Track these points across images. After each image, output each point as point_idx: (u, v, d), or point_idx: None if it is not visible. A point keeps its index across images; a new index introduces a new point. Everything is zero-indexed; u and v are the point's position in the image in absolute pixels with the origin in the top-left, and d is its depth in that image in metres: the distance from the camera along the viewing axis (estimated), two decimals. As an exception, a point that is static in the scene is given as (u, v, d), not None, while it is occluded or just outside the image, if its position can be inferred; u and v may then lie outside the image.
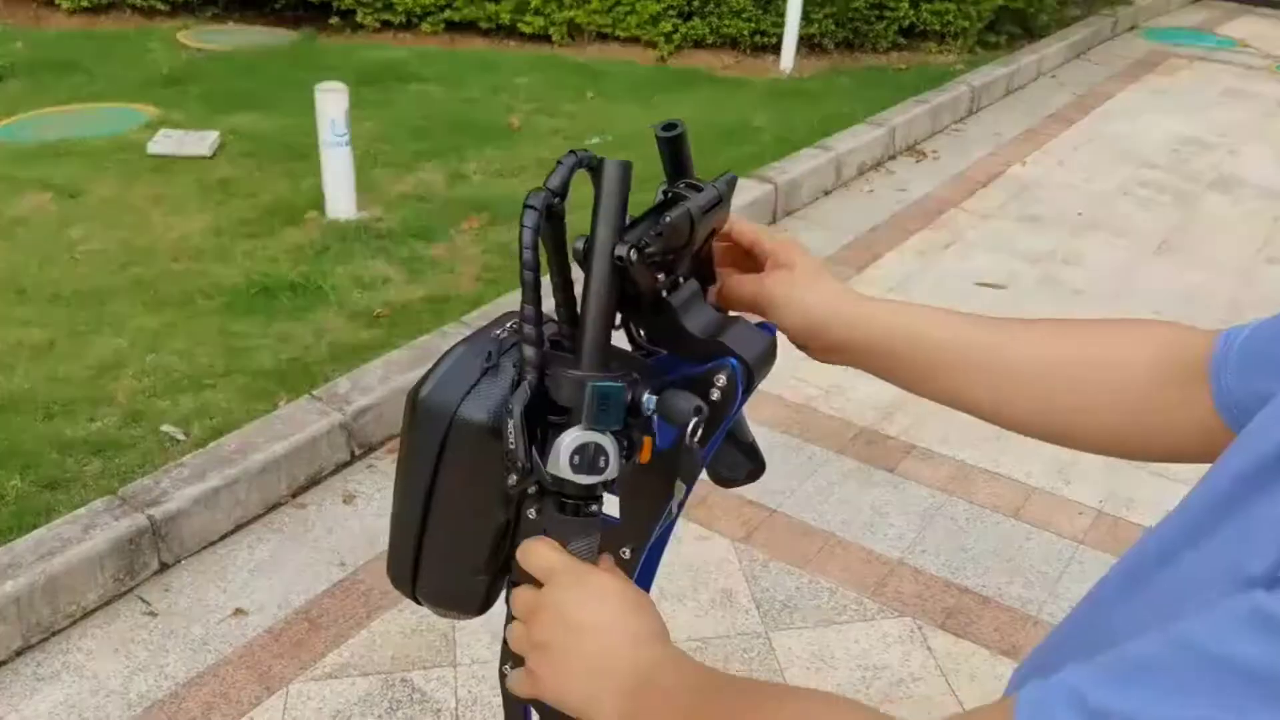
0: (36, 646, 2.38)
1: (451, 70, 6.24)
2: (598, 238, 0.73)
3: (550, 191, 0.72)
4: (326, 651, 2.41)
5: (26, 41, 6.37)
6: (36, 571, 2.34)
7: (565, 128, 5.41)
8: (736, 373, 0.79)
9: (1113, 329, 0.86)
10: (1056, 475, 3.12)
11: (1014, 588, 2.70)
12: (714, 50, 6.93)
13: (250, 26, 7.02)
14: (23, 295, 3.55)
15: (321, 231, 4.08)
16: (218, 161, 4.69)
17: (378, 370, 3.14)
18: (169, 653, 2.40)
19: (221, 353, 3.27)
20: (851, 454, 3.18)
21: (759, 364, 0.81)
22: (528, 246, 0.71)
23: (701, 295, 0.83)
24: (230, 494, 2.70)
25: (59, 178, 4.43)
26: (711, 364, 0.79)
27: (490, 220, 4.27)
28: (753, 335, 0.82)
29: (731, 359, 0.79)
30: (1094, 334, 0.86)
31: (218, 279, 3.71)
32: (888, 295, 4.11)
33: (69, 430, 2.88)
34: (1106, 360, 0.83)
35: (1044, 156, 5.78)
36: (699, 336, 0.80)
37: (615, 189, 0.73)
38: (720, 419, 0.80)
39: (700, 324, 0.81)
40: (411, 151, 4.93)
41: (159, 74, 5.88)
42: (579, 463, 0.69)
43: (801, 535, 2.84)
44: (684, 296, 0.81)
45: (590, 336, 0.72)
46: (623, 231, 0.74)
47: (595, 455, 0.69)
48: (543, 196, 0.72)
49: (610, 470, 0.70)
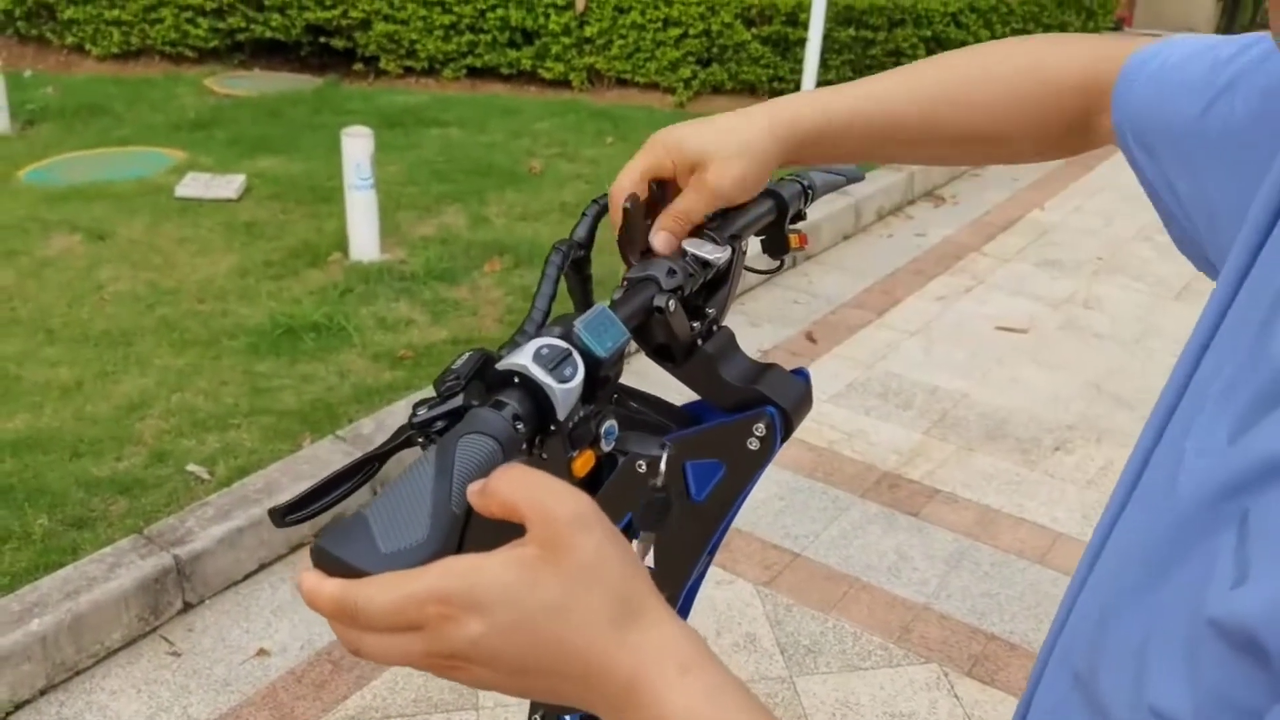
0: (60, 686, 2.38)
1: (473, 115, 6.32)
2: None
3: (576, 244, 0.75)
4: (349, 694, 2.40)
5: (57, 87, 6.49)
6: (63, 610, 2.35)
7: (586, 172, 5.46)
8: (775, 420, 0.79)
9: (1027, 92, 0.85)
10: (1083, 520, 3.10)
11: (1042, 634, 2.66)
12: (732, 96, 7.01)
13: (275, 73, 7.14)
14: (51, 335, 3.59)
15: (345, 273, 4.11)
16: (243, 204, 4.75)
17: (401, 411, 3.16)
18: (191, 693, 2.39)
19: (246, 393, 3.29)
20: (874, 498, 3.17)
21: (796, 410, 0.81)
22: (545, 295, 0.72)
23: (735, 342, 0.83)
24: (254, 534, 2.70)
25: (88, 220, 4.49)
26: (750, 412, 0.79)
27: (513, 264, 4.30)
28: (789, 381, 0.82)
29: (769, 407, 0.79)
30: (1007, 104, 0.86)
31: (242, 320, 3.74)
32: (910, 338, 4.12)
33: (95, 469, 2.89)
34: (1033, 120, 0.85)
35: (1062, 202, 5.80)
36: (735, 385, 0.80)
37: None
38: (758, 466, 0.80)
39: (736, 372, 0.81)
40: (434, 194, 4.98)
41: (186, 119, 5.98)
42: (546, 355, 0.63)
43: (825, 579, 2.82)
44: (719, 344, 0.81)
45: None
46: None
47: (563, 360, 0.63)
48: (566, 246, 0.74)
49: (569, 387, 0.63)
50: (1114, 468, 3.37)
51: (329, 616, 0.52)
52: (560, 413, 0.62)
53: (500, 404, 0.61)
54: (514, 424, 0.60)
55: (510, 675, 0.51)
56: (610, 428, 0.66)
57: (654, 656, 0.51)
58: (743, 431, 0.79)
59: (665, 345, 0.78)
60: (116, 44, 7.04)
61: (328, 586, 0.51)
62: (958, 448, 3.44)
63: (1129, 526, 0.59)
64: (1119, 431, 3.60)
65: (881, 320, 4.33)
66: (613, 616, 0.51)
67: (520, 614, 0.49)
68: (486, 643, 0.49)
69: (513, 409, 0.60)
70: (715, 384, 0.80)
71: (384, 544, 0.52)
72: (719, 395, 0.81)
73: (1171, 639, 0.49)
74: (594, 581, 0.50)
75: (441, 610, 0.49)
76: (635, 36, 6.78)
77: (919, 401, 3.71)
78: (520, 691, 0.52)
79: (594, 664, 0.50)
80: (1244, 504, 0.47)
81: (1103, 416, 3.69)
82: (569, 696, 0.52)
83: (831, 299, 4.49)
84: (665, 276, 0.75)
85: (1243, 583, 0.44)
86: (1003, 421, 3.62)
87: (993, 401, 3.75)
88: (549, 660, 0.50)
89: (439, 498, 0.54)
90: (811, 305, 4.42)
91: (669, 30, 6.73)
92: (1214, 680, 0.46)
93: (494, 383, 0.62)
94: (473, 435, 0.58)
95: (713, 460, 0.80)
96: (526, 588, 0.50)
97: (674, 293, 0.74)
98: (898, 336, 4.19)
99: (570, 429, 0.64)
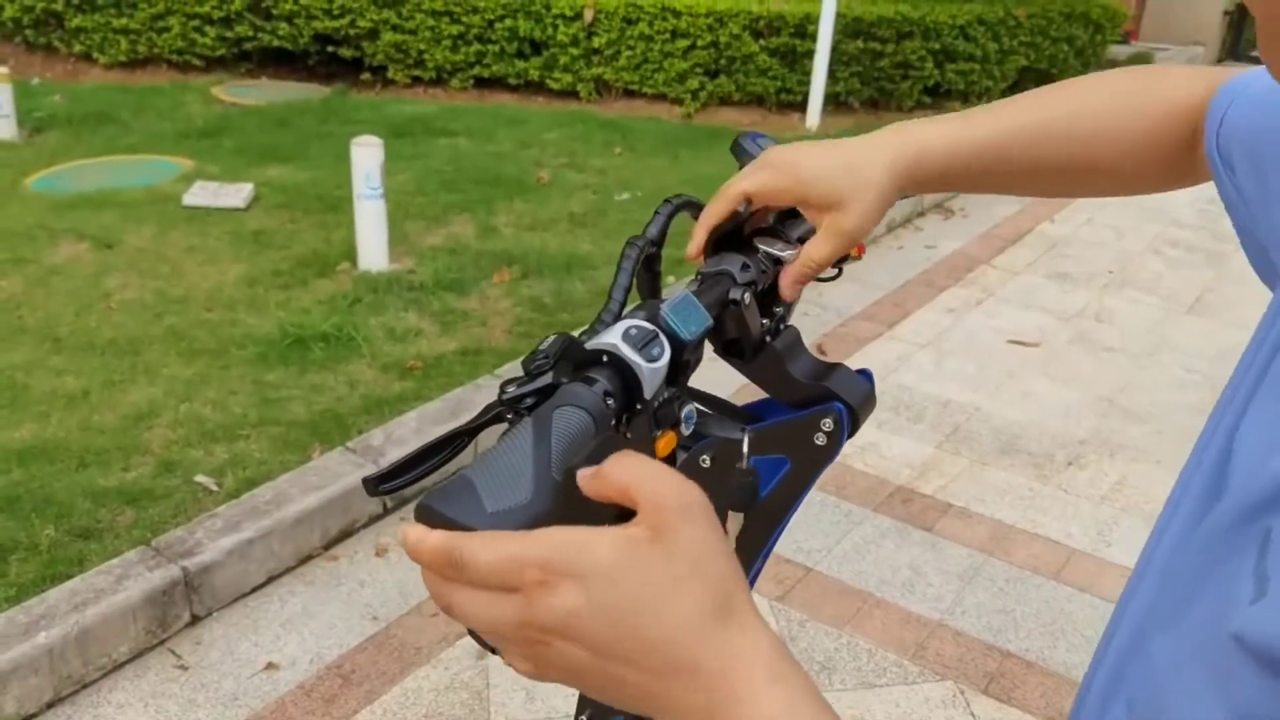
0: (67, 699, 2.35)
1: (481, 125, 6.32)
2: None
3: (649, 240, 0.76)
4: (359, 708, 2.37)
5: (64, 95, 6.48)
6: (70, 623, 2.32)
7: (594, 183, 5.45)
8: (843, 416, 0.80)
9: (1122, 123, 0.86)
10: (1097, 537, 3.07)
11: (1058, 652, 2.64)
12: (740, 107, 7.00)
13: (283, 82, 7.14)
14: (58, 344, 3.57)
15: (354, 283, 4.10)
16: (252, 213, 4.74)
17: (411, 422, 3.13)
18: (199, 707, 2.36)
19: (255, 403, 3.27)
20: (887, 512, 3.14)
21: (862, 408, 0.82)
22: (621, 286, 0.73)
23: (802, 341, 0.85)
24: (264, 545, 2.68)
25: (95, 228, 4.47)
26: (818, 408, 0.80)
27: (521, 274, 4.28)
28: (854, 380, 0.83)
29: (837, 403, 0.80)
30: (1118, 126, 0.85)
31: (251, 329, 3.72)
32: (920, 351, 4.10)
33: (102, 480, 2.87)
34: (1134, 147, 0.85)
35: (1072, 214, 5.78)
36: (804, 381, 0.81)
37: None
38: (823, 463, 0.81)
39: (803, 369, 0.82)
40: (442, 204, 4.97)
41: (194, 127, 5.97)
42: (635, 335, 0.65)
43: (839, 594, 2.79)
44: (787, 341, 0.82)
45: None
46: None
47: (650, 340, 0.65)
48: (640, 243, 0.75)
49: (656, 367, 0.65)
50: (1127, 483, 3.35)
51: (430, 567, 0.52)
52: (647, 391, 0.63)
53: (591, 380, 0.62)
54: (605, 399, 0.62)
55: (593, 657, 0.49)
56: (690, 411, 0.68)
57: (745, 660, 0.50)
58: (810, 427, 0.80)
59: (735, 341, 0.79)
60: (124, 52, 7.04)
61: (433, 537, 0.51)
62: (970, 462, 3.41)
63: (1170, 547, 0.60)
64: (1131, 447, 3.57)
65: (892, 333, 4.31)
66: (710, 610, 0.49)
67: (618, 595, 0.48)
68: (579, 618, 0.48)
69: (603, 385, 0.62)
70: (783, 380, 0.81)
71: (489, 503, 0.54)
72: (787, 391, 0.82)
73: (1200, 659, 0.50)
74: (696, 574, 0.49)
75: (542, 577, 0.48)
76: (643, 48, 6.78)
77: (931, 415, 3.69)
78: (596, 681, 0.50)
79: (683, 657, 0.49)
80: (1268, 523, 0.48)
81: (1115, 431, 3.67)
82: (641, 693, 0.50)
83: (841, 311, 4.46)
84: (740, 271, 0.77)
85: (1262, 597, 0.45)
86: (1015, 436, 3.59)
87: (1005, 415, 3.72)
88: (637, 647, 0.49)
89: (540, 463, 0.56)
90: (821, 317, 4.39)
91: (677, 41, 6.73)
92: (1243, 698, 0.46)
93: (582, 362, 0.63)
94: (567, 408, 0.60)
95: (778, 456, 0.81)
96: (629, 568, 0.49)
97: (748, 287, 0.75)
98: (908, 349, 4.16)
99: (655, 409, 0.66)
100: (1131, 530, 3.10)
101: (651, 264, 0.78)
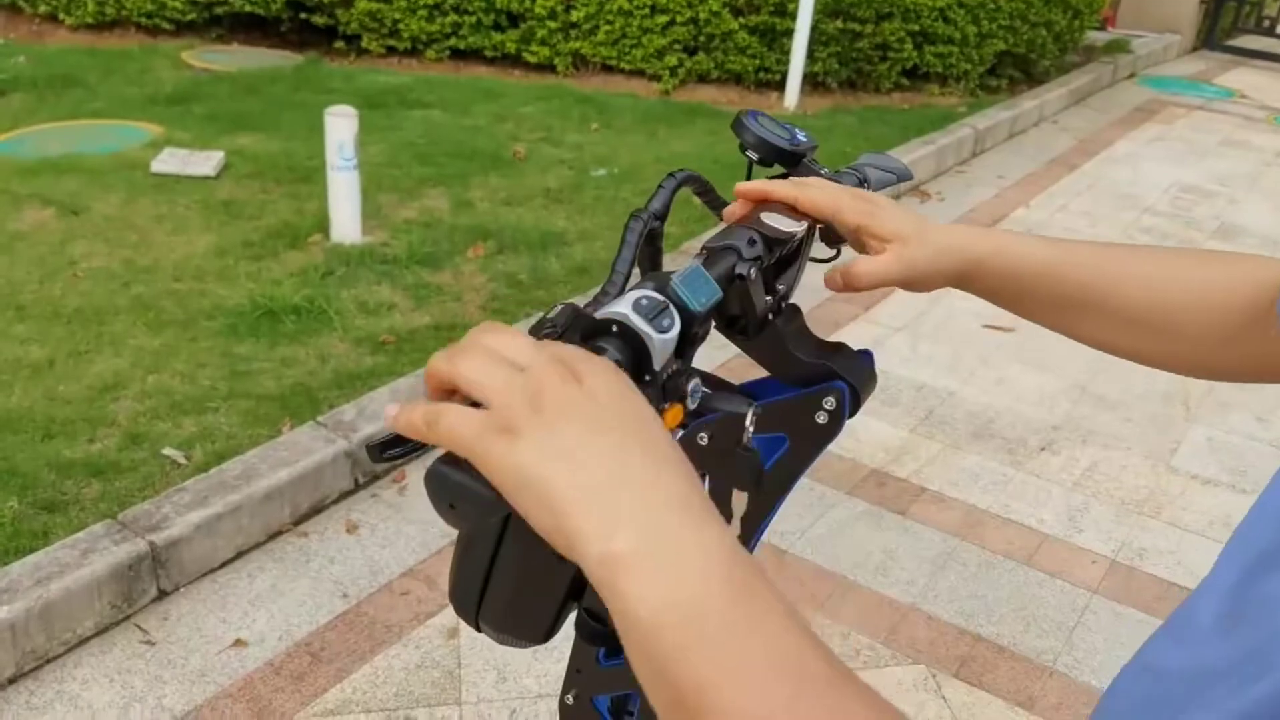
0: (30, 675, 2.31)
1: (456, 97, 6.24)
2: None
3: (653, 214, 0.75)
4: (329, 686, 2.35)
5: (28, 56, 6.34)
6: (33, 597, 2.28)
7: (570, 158, 5.40)
8: (845, 395, 0.79)
9: (1214, 270, 0.86)
10: (1069, 523, 3.09)
11: (1029, 637, 2.65)
12: (718, 85, 6.96)
13: (255, 48, 7.02)
14: (22, 312, 3.49)
15: (326, 255, 4.04)
16: (222, 182, 4.66)
17: (383, 397, 3.10)
18: (166, 684, 2.33)
19: (224, 375, 3.22)
20: (862, 495, 3.14)
21: (864, 387, 0.81)
22: (625, 259, 0.72)
23: (804, 320, 0.84)
24: (232, 520, 2.64)
25: (60, 194, 4.38)
26: (820, 386, 0.80)
27: (496, 249, 4.24)
28: (856, 359, 0.83)
29: (839, 382, 0.79)
30: (1197, 275, 0.87)
31: (221, 300, 3.66)
32: (896, 334, 4.10)
33: (68, 451, 2.82)
34: (1208, 304, 0.84)
35: (1047, 200, 5.80)
36: (806, 359, 0.81)
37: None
38: (823, 442, 0.81)
39: (805, 348, 0.82)
40: (416, 177, 4.90)
41: (163, 93, 5.86)
42: (645, 305, 0.64)
43: (814, 577, 2.79)
44: (790, 319, 0.82)
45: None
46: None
47: (660, 311, 0.64)
48: (645, 218, 0.74)
49: (666, 338, 0.64)
50: (1098, 470, 3.37)
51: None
52: (656, 362, 0.63)
53: (600, 349, 0.61)
54: None
55: (595, 408, 0.52)
56: (695, 386, 0.68)
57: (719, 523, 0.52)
58: (812, 405, 0.80)
59: (737, 317, 0.78)
60: (91, 14, 6.88)
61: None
62: (944, 446, 3.42)
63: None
64: (1103, 433, 3.59)
65: (867, 315, 4.30)
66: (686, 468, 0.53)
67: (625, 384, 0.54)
68: (579, 399, 0.52)
69: (613, 355, 0.62)
70: (785, 358, 0.81)
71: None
72: (788, 369, 0.81)
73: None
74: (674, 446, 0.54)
75: (553, 365, 0.53)
76: (622, 22, 6.71)
77: (905, 398, 3.69)
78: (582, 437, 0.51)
79: (670, 453, 0.52)
80: None
81: (1087, 417, 3.69)
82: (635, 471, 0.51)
83: (818, 292, 4.44)
84: (746, 245, 0.75)
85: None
86: (989, 421, 3.61)
87: (979, 400, 3.73)
88: (633, 423, 0.52)
89: None
90: (797, 298, 4.37)
91: (656, 17, 6.67)
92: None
93: (591, 331, 0.63)
94: None
95: (777, 434, 0.80)
96: (630, 389, 0.54)
97: (755, 262, 0.74)
98: (884, 332, 4.16)
99: (664, 381, 0.66)
100: (1101, 517, 3.12)
101: (654, 238, 0.77)
